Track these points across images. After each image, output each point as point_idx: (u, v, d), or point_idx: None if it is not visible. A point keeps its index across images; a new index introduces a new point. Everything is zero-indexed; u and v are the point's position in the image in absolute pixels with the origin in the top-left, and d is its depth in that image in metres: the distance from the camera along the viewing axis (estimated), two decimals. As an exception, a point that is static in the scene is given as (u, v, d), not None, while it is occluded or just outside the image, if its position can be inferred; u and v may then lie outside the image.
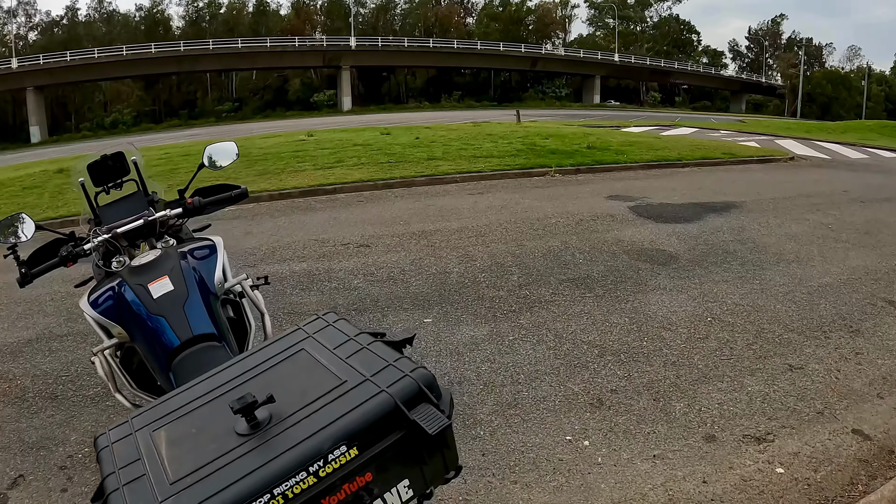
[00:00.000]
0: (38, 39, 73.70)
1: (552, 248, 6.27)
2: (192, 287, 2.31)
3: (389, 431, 1.25)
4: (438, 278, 5.57)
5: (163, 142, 24.12)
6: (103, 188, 2.71)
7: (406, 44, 60.45)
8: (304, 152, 14.08)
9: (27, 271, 2.39)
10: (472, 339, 4.31)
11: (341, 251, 6.61)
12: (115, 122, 62.96)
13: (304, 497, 1.16)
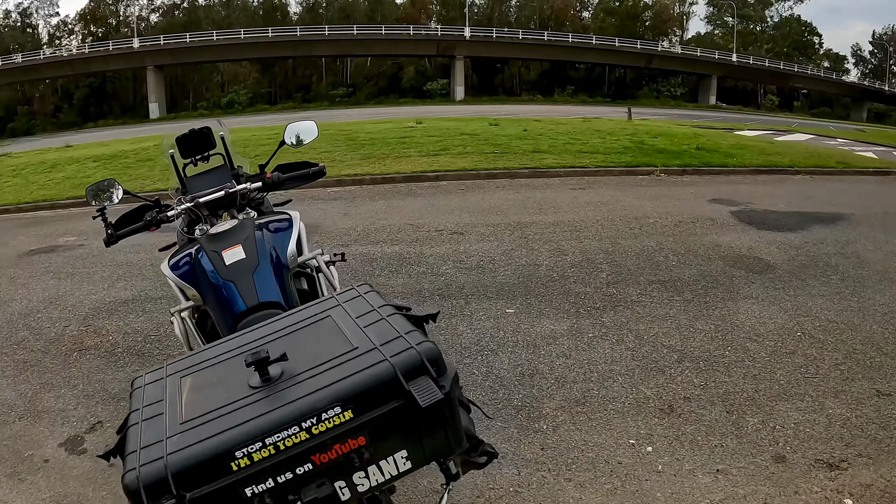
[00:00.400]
0: (159, 21, 76.28)
1: (646, 248, 6.08)
2: (263, 257, 2.38)
3: (387, 400, 1.27)
4: (527, 270, 5.53)
5: (275, 123, 25.10)
6: (191, 160, 2.83)
7: (520, 36, 59.11)
8: (410, 139, 14.28)
9: (113, 232, 2.54)
10: (552, 332, 4.26)
11: (434, 237, 6.68)
12: (232, 102, 64.52)
13: (294, 451, 1.22)
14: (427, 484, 2.72)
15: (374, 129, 16.66)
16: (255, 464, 1.21)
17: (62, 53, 66.97)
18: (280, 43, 60.04)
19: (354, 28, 59.63)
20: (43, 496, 2.95)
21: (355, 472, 1.29)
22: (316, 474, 1.25)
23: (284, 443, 1.22)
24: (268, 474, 1.22)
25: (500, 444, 3.03)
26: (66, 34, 79.31)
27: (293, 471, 1.23)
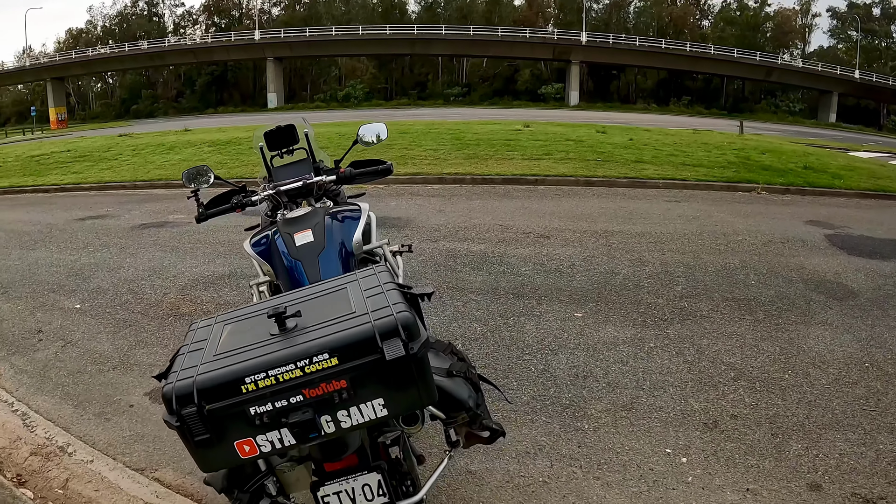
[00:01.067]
0: (280, 15, 77.85)
1: (728, 265, 5.91)
2: (329, 241, 2.58)
3: (366, 353, 1.49)
4: (603, 277, 5.54)
5: (390, 118, 25.54)
6: (278, 153, 3.09)
7: (637, 43, 56.88)
8: (515, 142, 14.34)
9: (203, 211, 2.88)
10: (614, 339, 4.28)
11: (520, 239, 6.78)
12: (348, 95, 64.91)
13: (289, 383, 1.47)
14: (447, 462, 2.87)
15: (481, 129, 16.83)
16: (259, 390, 1.47)
17: (186, 42, 69.49)
18: (397, 40, 60.09)
19: (471, 29, 59.21)
20: (124, 434, 3.37)
21: (338, 410, 1.52)
22: (305, 405, 1.49)
23: (283, 376, 1.47)
24: (268, 399, 1.48)
25: (539, 438, 3.14)
26: (191, 24, 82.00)
27: (287, 399, 1.48)
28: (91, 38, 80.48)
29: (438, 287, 5.25)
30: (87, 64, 68.85)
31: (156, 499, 2.78)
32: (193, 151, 15.56)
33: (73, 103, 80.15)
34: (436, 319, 4.60)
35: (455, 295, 5.09)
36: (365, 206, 3.03)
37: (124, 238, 7.65)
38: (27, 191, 13.67)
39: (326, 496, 1.75)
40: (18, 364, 4.28)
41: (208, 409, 1.46)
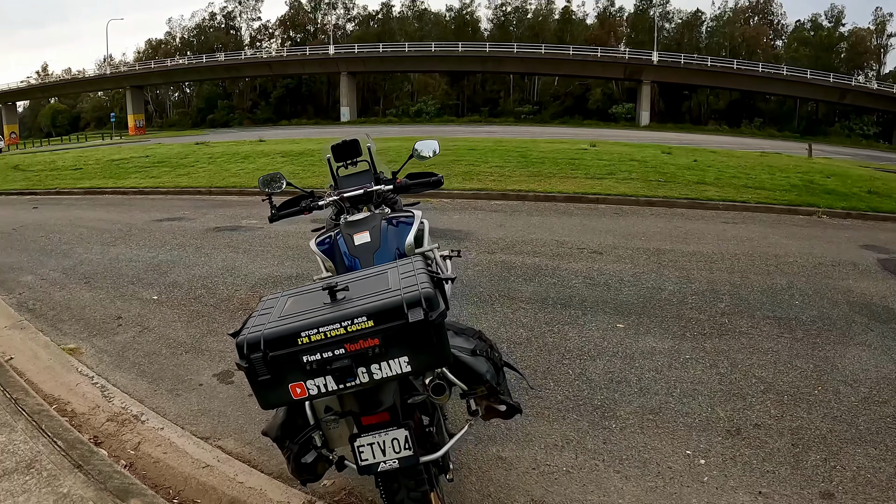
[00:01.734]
0: (354, 30, 78.01)
1: (774, 286, 5.89)
2: (384, 242, 2.88)
3: (395, 318, 1.80)
4: (649, 292, 5.63)
5: (459, 135, 25.91)
6: (344, 164, 3.42)
7: (708, 63, 54.94)
8: (580, 161, 14.41)
9: (275, 213, 3.24)
10: (651, 349, 4.40)
11: (574, 254, 6.93)
12: (420, 111, 64.45)
13: (335, 339, 1.80)
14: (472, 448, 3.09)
15: (548, 148, 16.94)
16: (312, 343, 1.80)
17: (262, 55, 70.11)
18: (469, 58, 59.41)
19: (542, 47, 58.24)
20: (192, 408, 3.76)
21: (371, 363, 1.82)
22: (345, 356, 1.80)
23: (330, 333, 1.79)
24: (317, 350, 1.80)
25: (568, 433, 3.32)
26: (267, 37, 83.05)
27: (332, 351, 1.80)
28: (170, 49, 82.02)
29: (491, 295, 5.48)
30: (165, 74, 70.11)
31: (217, 462, 3.12)
32: (267, 161, 16.15)
33: (150, 111, 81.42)
34: (486, 324, 4.82)
35: (505, 303, 5.31)
36: (418, 214, 3.30)
37: (199, 239, 8.22)
38: (107, 192, 14.56)
39: (361, 446, 1.98)
40: (99, 345, 4.76)
41: (271, 355, 1.79)
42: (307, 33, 79.83)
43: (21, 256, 7.92)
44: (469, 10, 76.98)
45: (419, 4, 79.20)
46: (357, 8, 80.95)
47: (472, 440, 3.24)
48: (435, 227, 8.13)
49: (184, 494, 2.90)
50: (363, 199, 3.28)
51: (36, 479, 2.81)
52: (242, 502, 2.81)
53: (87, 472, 2.85)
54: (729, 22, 68.56)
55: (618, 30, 72.86)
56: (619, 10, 75.38)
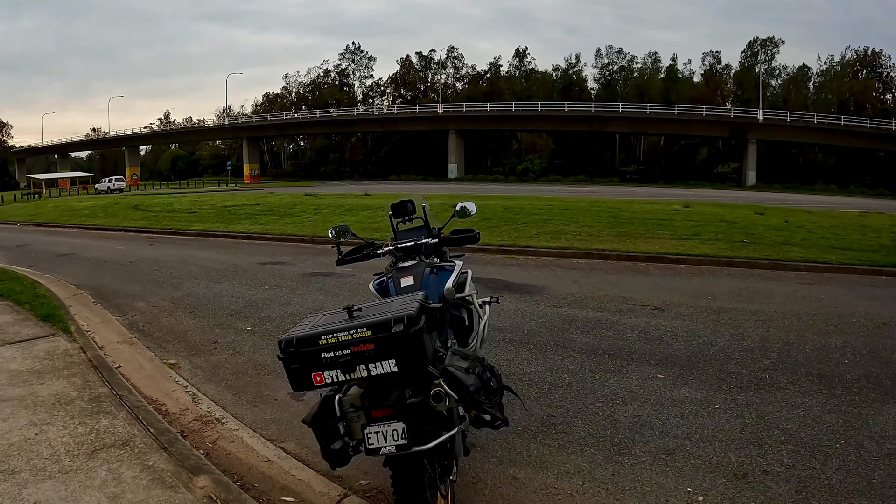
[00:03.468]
0: (464, 89, 77.78)
1: (828, 345, 5.73)
2: (425, 286, 3.41)
3: (384, 330, 2.31)
4: (699, 347, 5.68)
5: (561, 194, 25.98)
6: (402, 219, 4.00)
7: (815, 120, 51.37)
8: (669, 222, 14.26)
9: (342, 257, 3.82)
10: (684, 398, 4.50)
11: (637, 310, 7.04)
12: (526, 170, 63.64)
13: (344, 342, 2.33)
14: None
15: (640, 209, 16.83)
16: (328, 344, 2.33)
17: (373, 112, 71.43)
18: (574, 117, 58.44)
19: (647, 107, 56.60)
20: (265, 417, 4.39)
21: (369, 362, 2.32)
22: (349, 355, 2.32)
23: (341, 338, 2.32)
24: (331, 349, 2.32)
25: (581, 463, 3.58)
26: (378, 95, 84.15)
27: (341, 350, 2.32)
28: (286, 103, 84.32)
29: (546, 343, 5.76)
30: (280, 126, 72.46)
31: (277, 459, 3.71)
32: (369, 214, 16.79)
33: (266, 161, 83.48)
34: (534, 368, 5.13)
35: (558, 351, 5.57)
36: (459, 263, 3.87)
37: (296, 282, 9.02)
38: (218, 235, 15.84)
39: (370, 434, 2.43)
40: (196, 362, 5.56)
41: (300, 350, 2.35)
42: (417, 91, 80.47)
43: (135, 286, 9.19)
44: (576, 69, 76.07)
45: (527, 64, 78.74)
46: (466, 67, 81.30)
47: (494, 461, 3.60)
48: (512, 282, 8.57)
49: (246, 479, 3.48)
50: (414, 249, 3.81)
51: (129, 452, 3.51)
52: (290, 489, 3.35)
53: (171, 452, 3.52)
54: (837, 77, 64.26)
55: (724, 87, 69.93)
56: (725, 68, 72.66)
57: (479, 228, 10.21)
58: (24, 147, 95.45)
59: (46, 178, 67.49)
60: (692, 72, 74.62)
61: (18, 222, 25.10)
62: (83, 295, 8.67)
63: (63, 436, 3.72)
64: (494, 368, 2.92)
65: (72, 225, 21.85)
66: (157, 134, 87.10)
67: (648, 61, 74.38)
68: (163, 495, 3.02)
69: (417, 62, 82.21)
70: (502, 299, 7.54)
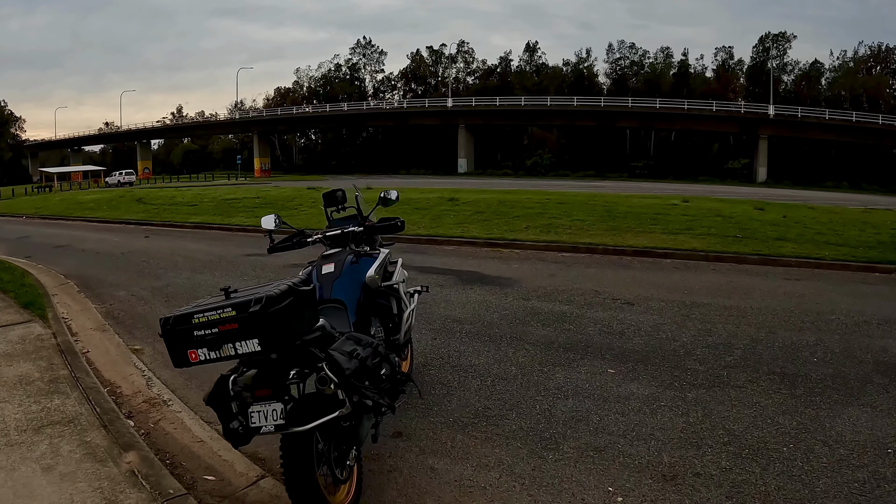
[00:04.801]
0: (474, 84, 75.77)
1: (800, 343, 5.33)
2: (345, 273, 3.32)
3: (245, 310, 2.22)
4: (660, 343, 5.31)
5: (566, 189, 25.47)
6: (335, 208, 3.88)
7: (826, 116, 49.49)
8: (663, 216, 13.77)
9: (272, 246, 3.71)
10: (629, 394, 4.17)
11: (606, 304, 6.68)
12: (535, 164, 62.21)
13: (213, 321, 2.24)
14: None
15: (638, 203, 16.32)
16: (199, 322, 2.25)
17: (384, 106, 69.42)
18: (584, 112, 56.59)
19: (657, 102, 54.66)
20: None
21: (234, 341, 2.24)
22: (217, 334, 2.24)
23: (210, 316, 2.24)
24: (202, 328, 2.24)
25: (504, 457, 3.31)
26: (389, 89, 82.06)
27: (210, 329, 2.24)
28: (297, 97, 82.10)
29: (503, 336, 5.44)
30: (290, 121, 71.04)
31: (210, 440, 3.63)
32: (365, 208, 16.49)
33: (277, 155, 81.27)
34: (483, 359, 4.82)
35: (513, 343, 5.24)
36: (385, 251, 3.78)
37: (275, 272, 8.77)
38: (214, 228, 15.64)
39: (252, 412, 2.38)
40: (159, 348, 5.26)
41: (177, 328, 2.27)
42: (428, 86, 78.53)
43: (121, 276, 9.09)
44: (587, 64, 74.06)
45: (537, 59, 76.88)
46: (476, 62, 79.66)
47: (416, 450, 3.42)
48: (487, 274, 8.24)
49: (176, 458, 3.39)
50: (341, 238, 3.69)
51: (72, 429, 3.53)
52: (214, 469, 3.26)
53: (109, 430, 3.52)
54: (849, 73, 62.33)
55: (736, 83, 67.80)
56: (737, 63, 70.51)
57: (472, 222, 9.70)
58: (37, 141, 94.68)
59: (58, 172, 66.65)
60: (704, 67, 72.67)
61: (24, 215, 25.09)
62: (70, 284, 8.57)
63: (17, 413, 3.76)
64: (392, 357, 2.87)
65: (75, 218, 21.80)
66: (168, 128, 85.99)
67: (660, 56, 72.65)
68: (91, 468, 3.05)
69: (428, 57, 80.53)
70: (474, 290, 7.28)
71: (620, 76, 72.05)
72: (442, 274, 8.41)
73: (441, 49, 79.07)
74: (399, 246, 11.56)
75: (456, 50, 78.41)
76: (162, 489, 2.83)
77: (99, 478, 2.94)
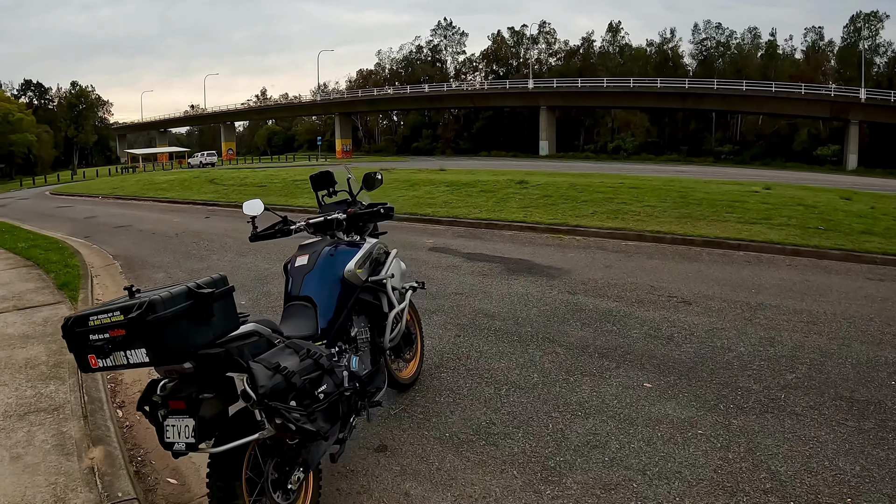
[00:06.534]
0: (555, 65, 72.53)
1: (877, 360, 4.38)
2: (318, 266, 2.87)
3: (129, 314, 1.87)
4: (712, 352, 4.55)
5: (647, 173, 23.76)
6: (327, 192, 3.39)
7: None
8: (740, 204, 12.37)
9: (255, 234, 3.21)
10: (663, 417, 3.50)
11: (659, 302, 5.91)
12: (618, 148, 58.91)
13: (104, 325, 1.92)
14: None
15: (715, 189, 14.84)
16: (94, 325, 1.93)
17: (464, 87, 67.65)
18: (668, 94, 52.85)
19: (744, 84, 50.10)
20: None
21: (124, 349, 1.91)
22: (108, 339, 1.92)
23: (102, 319, 1.92)
24: (96, 331, 1.93)
25: (493, 488, 2.79)
26: (471, 70, 79.72)
27: (101, 334, 1.93)
28: (379, 79, 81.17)
29: (534, 336, 4.85)
30: (371, 102, 69.42)
31: None
32: (429, 189, 15.64)
33: (360, 136, 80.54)
34: (505, 363, 4.28)
35: (543, 345, 4.65)
36: (371, 242, 3.26)
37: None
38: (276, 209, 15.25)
39: (167, 426, 2.05)
40: None
41: (76, 330, 1.97)
42: (510, 67, 75.91)
43: (165, 257, 9.08)
44: (671, 45, 69.46)
45: (620, 39, 72.95)
46: (559, 43, 76.48)
47: (397, 470, 2.98)
48: (537, 263, 7.61)
49: (147, 456, 3.19)
50: (325, 225, 3.22)
51: (54, 418, 3.36)
52: (179, 472, 3.04)
53: (88, 421, 3.32)
54: None
55: (826, 65, 61.33)
56: (828, 44, 63.71)
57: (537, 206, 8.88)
58: (125, 123, 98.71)
59: (143, 153, 68.01)
60: (793, 49, 66.42)
61: (100, 195, 24.96)
62: (115, 265, 8.65)
63: (10, 397, 3.63)
64: (338, 371, 2.42)
65: (147, 198, 21.61)
66: (251, 110, 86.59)
67: (748, 37, 67.03)
68: (55, 461, 2.88)
69: (509, 38, 77.78)
70: (518, 281, 6.68)
71: (706, 57, 67.05)
72: (489, 262, 7.85)
73: (522, 30, 76.54)
74: (455, 231, 11.11)
75: (538, 31, 75.63)
76: (112, 491, 2.60)
77: (58, 472, 2.76)
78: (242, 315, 2.28)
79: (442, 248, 8.93)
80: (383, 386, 3.07)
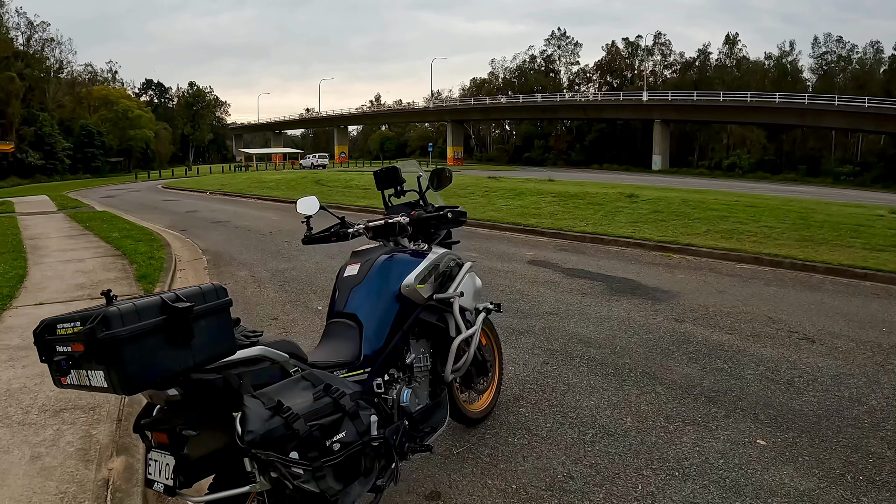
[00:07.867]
0: (670, 77, 68.73)
1: None
2: (369, 278, 2.43)
3: (88, 324, 1.50)
4: (839, 405, 3.83)
5: (762, 192, 21.63)
6: (395, 192, 2.96)
7: None
8: (866, 228, 10.66)
9: (309, 236, 2.87)
10: (777, 487, 2.93)
11: (779, 337, 5.18)
12: (733, 165, 54.66)
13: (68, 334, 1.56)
14: None
15: (837, 211, 13.07)
16: (59, 336, 1.58)
17: (577, 98, 64.95)
18: (785, 110, 48.42)
19: (866, 100, 44.61)
20: None
21: (83, 368, 1.55)
22: (67, 354, 1.57)
23: (67, 329, 1.56)
24: (61, 343, 1.58)
25: None
26: (584, 81, 77.19)
27: (65, 346, 1.57)
28: (492, 88, 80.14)
29: (632, 370, 4.38)
30: (484, 110, 68.16)
31: None
32: (535, 200, 14.97)
33: (472, 145, 79.18)
34: (594, 401, 3.85)
35: (642, 381, 4.17)
36: (438, 252, 2.76)
37: None
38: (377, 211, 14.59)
39: (150, 460, 1.71)
40: None
41: (46, 338, 1.63)
42: (624, 79, 73.10)
43: (254, 255, 9.01)
44: (790, 58, 63.72)
45: (737, 52, 68.04)
46: (674, 55, 72.86)
47: None
48: (643, 284, 7.05)
49: None
50: (386, 230, 2.80)
51: (87, 418, 3.22)
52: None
53: (120, 425, 3.15)
54: None
55: None
56: None
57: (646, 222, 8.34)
58: (241, 124, 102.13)
59: (258, 153, 68.68)
60: (922, 61, 58.25)
61: (208, 191, 24.85)
62: (202, 260, 8.64)
63: (50, 392, 3.57)
64: (363, 416, 1.95)
65: (252, 195, 21.42)
66: (365, 114, 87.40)
67: (870, 51, 60.30)
68: (72, 467, 2.71)
69: (624, 48, 74.83)
70: (620, 303, 6.18)
71: (826, 72, 61.17)
72: (591, 279, 7.34)
73: (637, 41, 73.39)
74: (558, 243, 10.60)
75: (653, 42, 72.24)
76: (117, 510, 2.42)
77: (71, 481, 2.60)
78: (255, 333, 1.90)
79: (542, 262, 8.54)
80: (441, 426, 2.59)
